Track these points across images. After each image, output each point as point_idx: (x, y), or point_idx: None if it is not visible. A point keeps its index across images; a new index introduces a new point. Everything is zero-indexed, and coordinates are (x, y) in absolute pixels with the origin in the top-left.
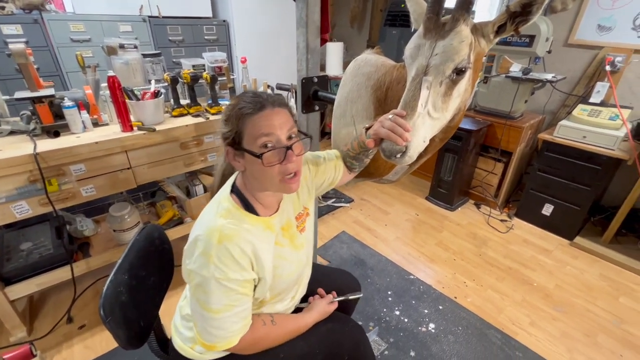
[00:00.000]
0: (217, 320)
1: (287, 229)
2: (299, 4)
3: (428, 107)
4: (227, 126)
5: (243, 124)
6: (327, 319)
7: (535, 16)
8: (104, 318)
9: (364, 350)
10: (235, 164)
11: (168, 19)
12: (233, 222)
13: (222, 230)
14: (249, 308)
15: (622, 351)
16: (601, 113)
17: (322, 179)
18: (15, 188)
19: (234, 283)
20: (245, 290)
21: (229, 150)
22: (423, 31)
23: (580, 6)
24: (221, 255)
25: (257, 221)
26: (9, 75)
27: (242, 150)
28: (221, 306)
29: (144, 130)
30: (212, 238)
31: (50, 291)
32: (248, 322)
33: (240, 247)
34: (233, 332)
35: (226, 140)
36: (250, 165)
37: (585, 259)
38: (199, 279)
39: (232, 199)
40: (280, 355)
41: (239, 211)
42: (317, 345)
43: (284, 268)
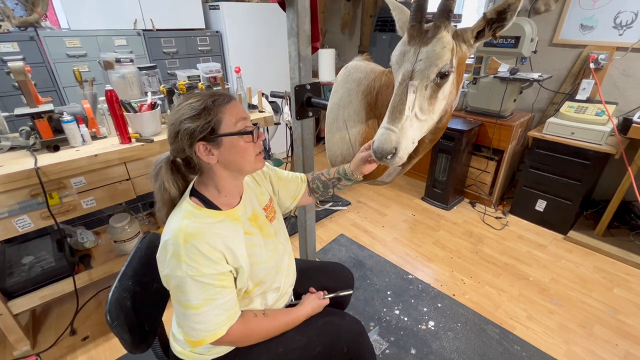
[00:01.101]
0: (199, 315)
1: (255, 219)
2: (289, 14)
3: (415, 110)
4: (198, 120)
5: (221, 113)
6: (324, 313)
7: (509, 22)
8: (111, 323)
9: (363, 342)
10: (208, 158)
11: (162, 32)
12: (196, 220)
13: (186, 229)
14: (232, 300)
15: (617, 341)
16: (588, 109)
17: (284, 186)
18: (17, 202)
19: (209, 278)
20: (223, 283)
21: (201, 146)
22: (407, 38)
23: (562, 7)
24: (190, 253)
25: (220, 215)
26: (6, 92)
27: (219, 137)
28: (201, 301)
29: (142, 141)
30: (178, 239)
31: (52, 304)
32: (234, 313)
33: (207, 242)
34: (217, 324)
35: (200, 135)
36: (228, 150)
37: (579, 252)
38: (175, 280)
39: (192, 201)
40: (279, 349)
41: (200, 210)
42: (316, 338)
43: (259, 256)
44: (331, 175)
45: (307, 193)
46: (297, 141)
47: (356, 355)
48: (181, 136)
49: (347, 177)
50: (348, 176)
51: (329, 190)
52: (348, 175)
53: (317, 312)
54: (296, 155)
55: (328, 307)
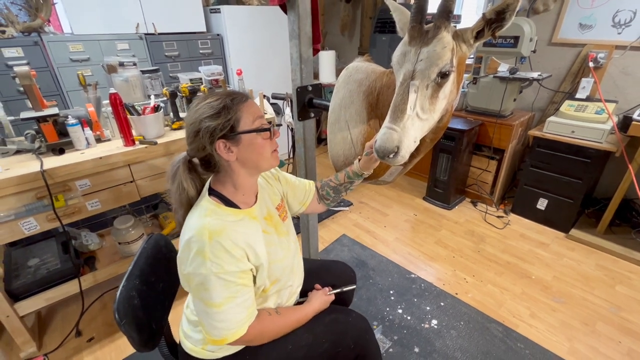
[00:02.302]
0: (221, 313)
1: (270, 219)
2: (290, 17)
3: (417, 109)
4: (218, 119)
5: (239, 111)
6: (330, 310)
7: (508, 22)
8: (119, 321)
9: (369, 338)
10: (228, 155)
11: (164, 35)
12: (218, 218)
13: (211, 227)
14: (250, 298)
15: (620, 338)
16: (587, 108)
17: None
18: (23, 205)
19: (231, 275)
20: (243, 281)
21: (221, 144)
22: (408, 39)
23: (561, 7)
24: (215, 250)
25: (240, 213)
26: (11, 97)
27: (238, 134)
28: (223, 299)
29: (146, 143)
30: (203, 236)
31: (57, 306)
32: (253, 311)
33: (231, 239)
34: (238, 322)
35: (220, 133)
36: (246, 146)
37: (581, 250)
38: (199, 278)
39: (212, 199)
40: (288, 346)
41: (221, 208)
42: (323, 335)
43: (276, 254)
44: (341, 180)
45: (317, 200)
46: (299, 142)
47: (362, 351)
48: (202, 134)
49: (358, 176)
50: (358, 174)
51: (340, 195)
52: (358, 173)
53: (324, 308)
54: (298, 156)
55: (333, 305)
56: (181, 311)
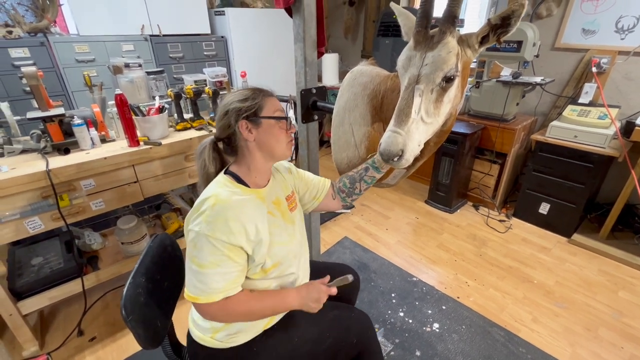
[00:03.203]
0: (202, 274)
1: (278, 204)
2: (296, 20)
3: (421, 113)
4: (245, 103)
5: (263, 101)
6: (334, 307)
7: (514, 28)
8: (126, 317)
9: (371, 334)
10: (247, 135)
11: (168, 37)
12: (228, 190)
13: (219, 196)
14: (234, 273)
15: (622, 343)
16: (590, 113)
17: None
18: (28, 204)
19: (220, 243)
20: (230, 254)
21: (243, 124)
22: (413, 43)
23: (564, 12)
24: (214, 215)
25: (249, 192)
26: (17, 96)
27: (260, 118)
28: (207, 262)
29: (150, 144)
30: (209, 201)
31: (59, 305)
32: (233, 286)
33: (232, 212)
34: (214, 289)
35: (244, 114)
36: (265, 131)
37: (583, 255)
38: (192, 234)
39: (226, 177)
40: (294, 339)
41: (232, 183)
42: (327, 330)
43: (279, 235)
44: (359, 168)
45: (332, 195)
46: (303, 144)
47: (364, 347)
48: (230, 113)
49: (375, 167)
50: (376, 164)
51: (355, 185)
52: (376, 164)
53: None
54: (301, 158)
55: (337, 302)
56: (185, 312)
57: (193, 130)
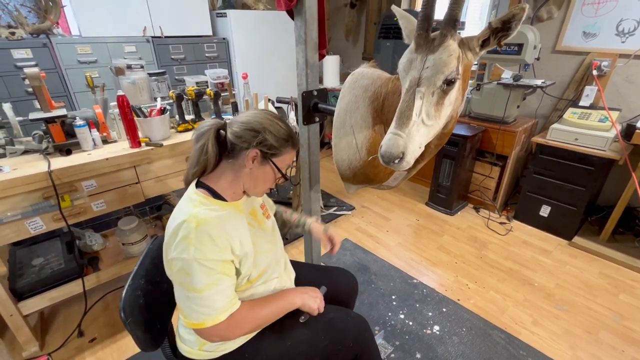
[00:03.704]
0: (202, 298)
1: (254, 215)
2: (297, 22)
3: (422, 116)
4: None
5: (285, 151)
6: (329, 310)
7: (514, 31)
8: (125, 319)
9: (368, 337)
10: (247, 162)
11: (170, 39)
12: (206, 208)
13: (198, 215)
14: (230, 288)
15: (623, 347)
16: (591, 115)
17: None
18: (30, 205)
19: (212, 263)
20: (224, 270)
21: (254, 152)
22: (414, 46)
23: (565, 15)
24: (200, 237)
25: (227, 205)
26: (19, 97)
27: (270, 161)
28: (204, 285)
29: (152, 145)
30: (190, 224)
31: (60, 306)
32: (233, 301)
33: (216, 230)
34: (218, 309)
35: (264, 148)
36: (263, 171)
37: (584, 258)
38: (181, 263)
39: (200, 192)
40: (287, 342)
41: (209, 199)
42: (322, 333)
43: (261, 245)
44: (292, 220)
45: None
46: (304, 146)
47: (361, 350)
48: (256, 136)
49: (303, 228)
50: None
51: (284, 230)
52: (305, 228)
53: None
54: (302, 160)
55: (334, 306)
56: None
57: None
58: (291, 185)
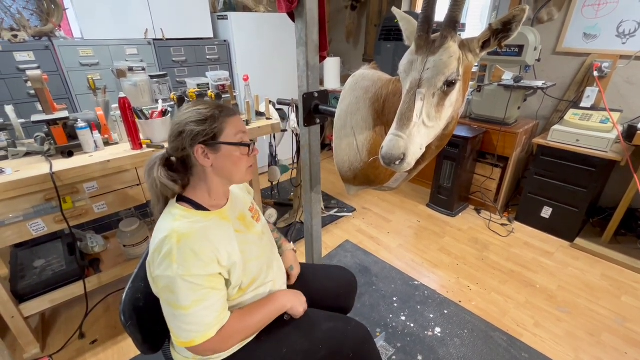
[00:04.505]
0: (189, 316)
1: (243, 219)
2: (298, 24)
3: (423, 117)
4: (203, 125)
5: (224, 123)
6: (329, 318)
7: (515, 32)
8: (125, 322)
9: (369, 348)
10: (204, 161)
11: (171, 41)
12: (187, 222)
13: (179, 230)
14: (219, 302)
15: (626, 349)
16: (592, 117)
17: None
18: (32, 207)
19: (198, 279)
20: (212, 285)
21: (200, 149)
22: (415, 48)
23: (565, 16)
24: (182, 253)
25: (210, 215)
26: (21, 100)
27: (218, 144)
28: (190, 302)
29: (153, 147)
30: (171, 240)
31: (61, 308)
32: (222, 316)
33: (199, 243)
34: (207, 324)
35: (202, 138)
36: (224, 157)
37: (586, 259)
38: (165, 281)
39: (181, 205)
40: (282, 350)
41: (190, 212)
42: (319, 342)
43: (251, 252)
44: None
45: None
46: (305, 148)
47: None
48: (185, 136)
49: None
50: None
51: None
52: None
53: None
54: (303, 162)
55: (334, 313)
56: None
57: None
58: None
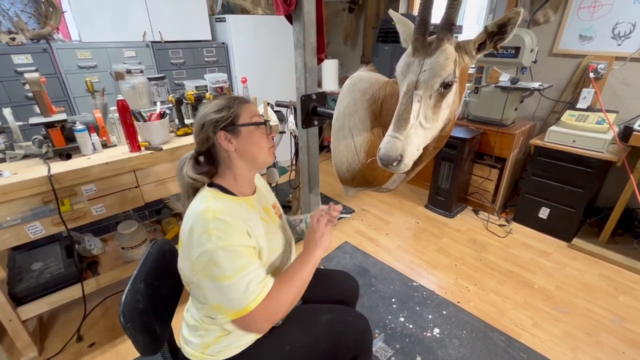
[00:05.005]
0: (236, 283)
1: (268, 211)
2: (296, 27)
3: (420, 119)
4: (221, 113)
5: (240, 109)
6: (330, 311)
7: (510, 35)
8: (124, 324)
9: (369, 338)
10: (227, 145)
11: (170, 44)
12: (219, 201)
13: (214, 207)
14: (260, 269)
15: (624, 349)
16: (588, 118)
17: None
18: (29, 209)
19: (237, 247)
20: (250, 254)
21: (222, 134)
22: (412, 50)
23: (561, 18)
24: (219, 226)
25: (239, 200)
26: (19, 102)
27: (238, 127)
28: (234, 271)
29: (151, 149)
30: (206, 217)
31: (59, 311)
32: (267, 280)
33: (233, 217)
34: (255, 288)
35: (222, 124)
36: (245, 139)
37: (584, 259)
38: (206, 256)
39: (211, 189)
40: (286, 347)
41: (220, 194)
42: (321, 336)
43: (275, 240)
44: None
45: None
46: (303, 149)
47: (362, 351)
48: (206, 126)
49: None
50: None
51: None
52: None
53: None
54: (301, 163)
55: (335, 305)
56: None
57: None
58: (290, 188)
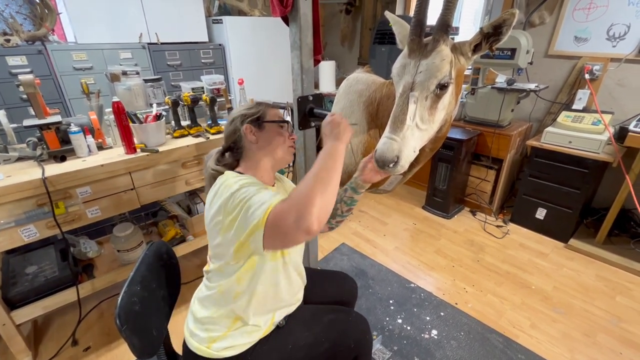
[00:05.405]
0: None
1: None
2: (292, 28)
3: (416, 120)
4: (253, 109)
5: (267, 110)
6: (331, 311)
7: (505, 36)
8: (120, 327)
9: (369, 339)
10: (251, 137)
11: (166, 45)
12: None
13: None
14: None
15: (621, 349)
16: (584, 119)
17: None
18: (23, 212)
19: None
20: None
21: (248, 127)
22: (407, 51)
23: (557, 20)
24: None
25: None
26: (14, 104)
27: (263, 122)
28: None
29: (147, 151)
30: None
31: (53, 315)
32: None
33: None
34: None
35: (249, 118)
36: (267, 134)
37: (580, 260)
38: (232, 199)
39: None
40: (288, 346)
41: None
42: (322, 335)
43: None
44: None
45: None
46: (300, 150)
47: (362, 351)
48: (236, 120)
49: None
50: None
51: (337, 206)
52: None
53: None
54: (298, 165)
55: (336, 306)
56: (181, 320)
57: (190, 137)
58: None
